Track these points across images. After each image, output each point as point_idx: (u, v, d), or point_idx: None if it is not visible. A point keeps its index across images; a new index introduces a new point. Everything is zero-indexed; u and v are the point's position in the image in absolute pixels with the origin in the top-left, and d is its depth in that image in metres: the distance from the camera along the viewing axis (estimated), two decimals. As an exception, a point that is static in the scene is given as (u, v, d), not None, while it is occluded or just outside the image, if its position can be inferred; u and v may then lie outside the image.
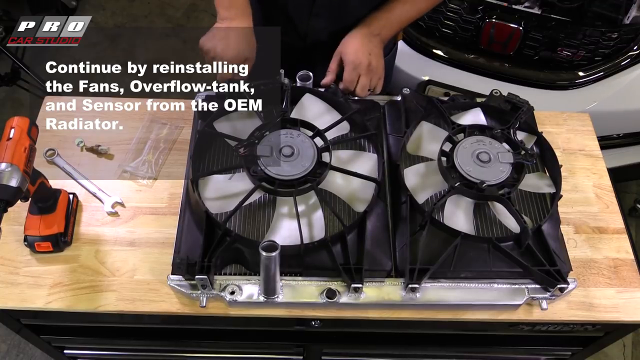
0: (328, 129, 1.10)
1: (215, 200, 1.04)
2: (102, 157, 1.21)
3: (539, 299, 1.02)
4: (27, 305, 1.01)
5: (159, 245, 1.08)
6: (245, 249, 0.99)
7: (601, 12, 1.74)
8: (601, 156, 1.26)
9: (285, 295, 0.99)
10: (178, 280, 1.00)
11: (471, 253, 1.01)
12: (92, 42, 2.92)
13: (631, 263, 1.10)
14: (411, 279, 0.97)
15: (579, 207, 1.18)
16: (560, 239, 1.06)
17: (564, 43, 1.78)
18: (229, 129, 1.13)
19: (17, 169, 0.89)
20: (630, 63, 1.79)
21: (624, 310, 1.04)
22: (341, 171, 1.06)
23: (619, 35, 1.75)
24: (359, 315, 1.03)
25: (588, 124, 1.32)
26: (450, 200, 1.06)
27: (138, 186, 1.17)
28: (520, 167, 1.07)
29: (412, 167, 1.12)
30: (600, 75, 1.81)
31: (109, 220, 1.12)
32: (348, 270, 0.98)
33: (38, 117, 1.26)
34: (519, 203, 1.09)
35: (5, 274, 1.04)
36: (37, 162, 1.18)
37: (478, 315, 1.03)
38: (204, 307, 0.99)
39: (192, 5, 3.13)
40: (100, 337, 1.24)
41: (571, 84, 1.82)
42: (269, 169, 1.01)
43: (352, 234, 1.02)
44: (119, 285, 1.03)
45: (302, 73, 1.19)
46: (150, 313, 1.02)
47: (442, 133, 1.14)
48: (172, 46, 2.94)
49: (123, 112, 1.28)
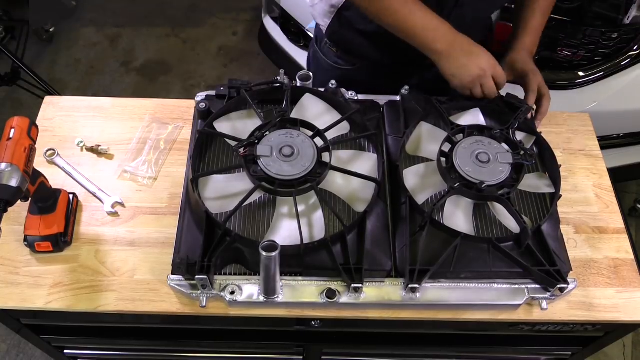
0: (328, 129, 1.11)
1: (215, 200, 1.04)
2: (102, 157, 1.21)
3: (539, 299, 1.02)
4: (27, 305, 1.01)
5: (159, 245, 1.08)
6: (245, 249, 0.99)
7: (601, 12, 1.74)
8: (601, 156, 1.26)
9: (285, 295, 0.99)
10: (178, 280, 1.00)
11: (471, 253, 1.01)
12: (92, 42, 2.92)
13: (631, 263, 1.10)
14: (411, 280, 0.97)
15: (579, 207, 1.18)
16: (560, 239, 1.06)
17: (564, 43, 1.78)
18: (229, 129, 1.13)
19: (17, 169, 0.89)
20: (630, 63, 1.79)
21: (624, 310, 1.04)
22: (341, 171, 1.06)
23: (619, 35, 1.75)
24: (359, 315, 1.03)
25: (588, 124, 1.32)
26: (450, 200, 1.06)
27: (138, 186, 1.17)
28: (519, 168, 1.07)
29: (411, 167, 1.12)
30: (600, 75, 1.81)
31: (109, 220, 1.12)
32: (348, 270, 0.98)
33: (38, 117, 1.26)
34: (518, 203, 1.09)
35: (5, 274, 1.04)
36: (37, 162, 1.18)
37: (478, 315, 1.03)
38: (204, 307, 0.99)
39: (192, 5, 3.13)
40: (100, 337, 1.24)
41: (571, 84, 1.82)
42: (268, 169, 1.01)
43: (352, 234, 1.02)
44: (119, 285, 1.03)
45: (302, 73, 1.19)
46: (150, 313, 1.02)
47: (442, 133, 1.14)
48: (172, 46, 2.94)
49: (123, 112, 1.29)
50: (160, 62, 2.86)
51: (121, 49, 2.91)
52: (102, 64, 2.83)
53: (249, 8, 3.12)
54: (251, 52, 2.91)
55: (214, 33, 3.01)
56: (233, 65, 2.88)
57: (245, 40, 2.99)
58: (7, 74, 2.42)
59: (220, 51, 2.93)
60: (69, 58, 2.84)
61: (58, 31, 2.91)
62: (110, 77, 2.77)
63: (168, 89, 2.74)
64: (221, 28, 3.04)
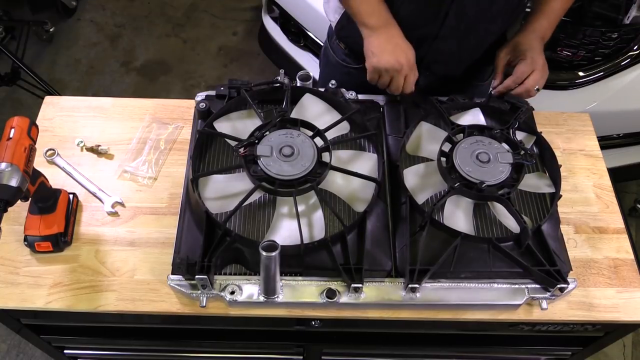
0: (328, 129, 1.11)
1: (215, 200, 1.04)
2: (102, 157, 1.21)
3: (539, 299, 1.02)
4: (27, 305, 1.01)
5: (159, 245, 1.08)
6: (245, 248, 0.99)
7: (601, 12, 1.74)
8: (601, 156, 1.26)
9: (285, 295, 0.99)
10: (178, 280, 1.00)
11: (471, 253, 1.01)
12: (92, 42, 2.92)
13: (631, 263, 1.10)
14: (411, 280, 0.97)
15: (579, 207, 1.18)
16: (560, 239, 1.06)
17: (564, 43, 1.78)
18: (229, 129, 1.13)
19: (17, 169, 0.89)
20: (630, 63, 1.79)
21: (624, 310, 1.04)
22: (341, 171, 1.06)
23: (619, 35, 1.75)
24: (359, 315, 1.03)
25: (588, 124, 1.32)
26: (450, 200, 1.06)
27: (138, 186, 1.17)
28: (519, 167, 1.07)
29: (411, 167, 1.12)
30: (600, 75, 1.81)
31: (109, 220, 1.12)
32: (348, 270, 0.98)
33: (38, 117, 1.26)
34: (518, 203, 1.09)
35: (5, 274, 1.04)
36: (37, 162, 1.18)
37: (478, 315, 1.03)
38: (204, 307, 0.99)
39: (192, 5, 3.13)
40: (100, 337, 1.24)
41: (571, 84, 1.81)
42: (268, 168, 1.01)
43: (352, 234, 1.02)
44: (119, 285, 1.03)
45: (302, 73, 1.19)
46: (151, 313, 1.02)
47: (442, 133, 1.14)
48: (172, 46, 2.94)
49: (123, 112, 1.28)
50: (160, 62, 2.86)
51: (121, 49, 2.91)
52: (102, 64, 2.83)
53: (249, 8, 3.12)
54: (251, 52, 2.91)
55: (214, 33, 3.01)
56: (233, 65, 2.88)
57: (245, 40, 2.99)
58: (7, 74, 2.42)
59: (220, 51, 2.93)
60: (69, 58, 2.84)
61: (58, 31, 2.91)
62: (110, 77, 2.77)
63: (168, 89, 2.74)
64: (221, 28, 3.04)
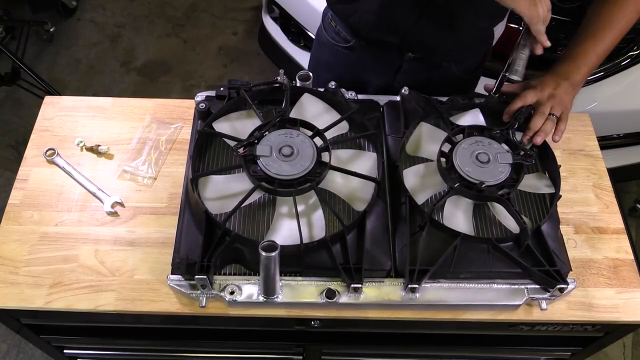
0: (327, 129, 1.11)
1: (214, 200, 1.04)
2: (102, 157, 1.21)
3: (539, 299, 1.02)
4: (27, 305, 1.01)
5: (158, 245, 1.08)
6: (245, 248, 0.99)
7: (601, 12, 1.74)
8: (601, 156, 1.26)
9: (284, 295, 0.99)
10: (178, 280, 1.00)
11: (471, 254, 1.01)
12: (92, 42, 2.92)
13: (631, 263, 1.10)
14: (411, 280, 0.97)
15: (579, 207, 1.18)
16: (560, 239, 1.06)
17: (564, 43, 1.77)
18: (228, 129, 1.13)
19: None
20: (630, 63, 1.79)
21: (624, 310, 1.04)
22: (341, 171, 1.06)
23: (619, 35, 1.75)
24: (359, 315, 1.03)
25: (588, 124, 1.32)
26: (450, 201, 1.06)
27: (138, 186, 1.17)
28: (519, 168, 1.07)
29: (411, 167, 1.12)
30: (600, 75, 1.81)
31: (108, 220, 1.12)
32: (348, 270, 0.98)
33: (38, 117, 1.26)
34: (518, 203, 1.09)
35: (5, 274, 1.04)
36: (37, 161, 1.18)
37: (478, 316, 1.03)
38: (204, 307, 0.99)
39: (192, 5, 3.13)
40: (100, 337, 1.24)
41: (571, 84, 1.81)
42: (268, 168, 1.01)
43: (351, 234, 1.02)
44: (118, 285, 1.03)
45: (301, 73, 1.19)
46: (150, 313, 1.02)
47: (441, 134, 1.14)
48: (172, 46, 2.94)
49: (123, 112, 1.29)
50: (160, 62, 2.86)
51: (121, 49, 2.91)
52: (102, 64, 2.83)
53: (249, 8, 3.13)
54: (251, 52, 2.91)
55: (214, 33, 3.01)
56: (233, 65, 2.88)
57: (245, 40, 2.99)
58: (7, 73, 2.42)
59: (220, 51, 2.93)
60: (69, 58, 2.84)
61: (58, 31, 2.91)
62: (110, 77, 2.77)
63: (168, 89, 2.74)
64: (221, 28, 3.04)
